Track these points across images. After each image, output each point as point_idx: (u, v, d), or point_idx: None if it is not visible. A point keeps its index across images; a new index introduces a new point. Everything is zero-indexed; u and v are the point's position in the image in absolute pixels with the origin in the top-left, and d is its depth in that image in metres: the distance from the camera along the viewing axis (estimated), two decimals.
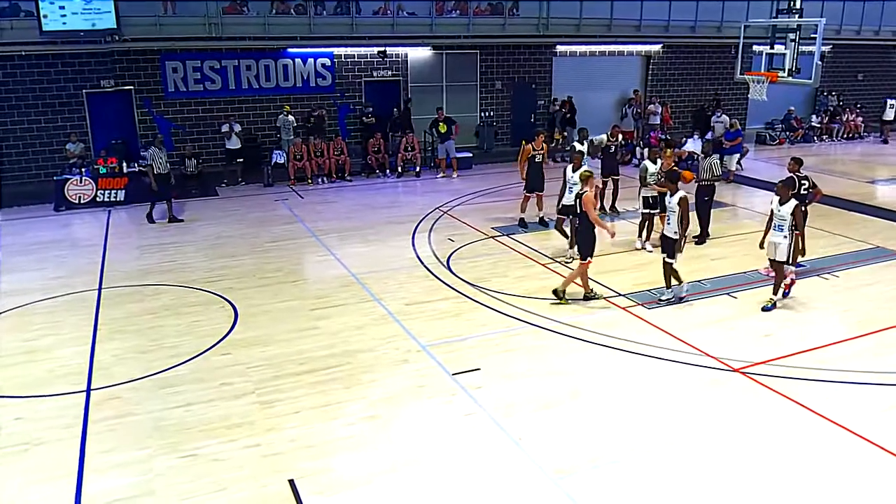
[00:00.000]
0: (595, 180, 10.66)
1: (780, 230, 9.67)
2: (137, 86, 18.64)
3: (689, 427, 7.07)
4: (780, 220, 9.63)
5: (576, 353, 8.70)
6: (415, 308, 10.08)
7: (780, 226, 9.67)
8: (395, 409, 7.45)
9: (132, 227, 14.79)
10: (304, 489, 6.13)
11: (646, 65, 25.11)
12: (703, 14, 23.12)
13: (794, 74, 14.05)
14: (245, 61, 19.51)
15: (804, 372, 8.10)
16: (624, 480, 6.25)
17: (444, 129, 19.24)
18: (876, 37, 26.78)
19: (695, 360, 8.43)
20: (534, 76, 23.25)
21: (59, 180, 16.17)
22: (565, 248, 12.20)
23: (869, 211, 15.39)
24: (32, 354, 8.79)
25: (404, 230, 13.64)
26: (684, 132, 22.63)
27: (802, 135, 25.43)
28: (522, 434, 6.93)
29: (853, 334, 9.14)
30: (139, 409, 7.46)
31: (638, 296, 10.44)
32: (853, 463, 6.49)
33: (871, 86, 29.43)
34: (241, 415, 7.32)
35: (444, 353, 8.62)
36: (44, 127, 17.99)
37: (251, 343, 9.01)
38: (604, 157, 14.69)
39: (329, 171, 18.76)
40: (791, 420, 7.18)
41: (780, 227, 9.67)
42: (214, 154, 19.32)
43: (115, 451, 6.74)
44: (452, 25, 20.76)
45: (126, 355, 8.72)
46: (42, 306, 10.39)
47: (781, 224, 9.64)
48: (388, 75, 21.29)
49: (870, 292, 10.64)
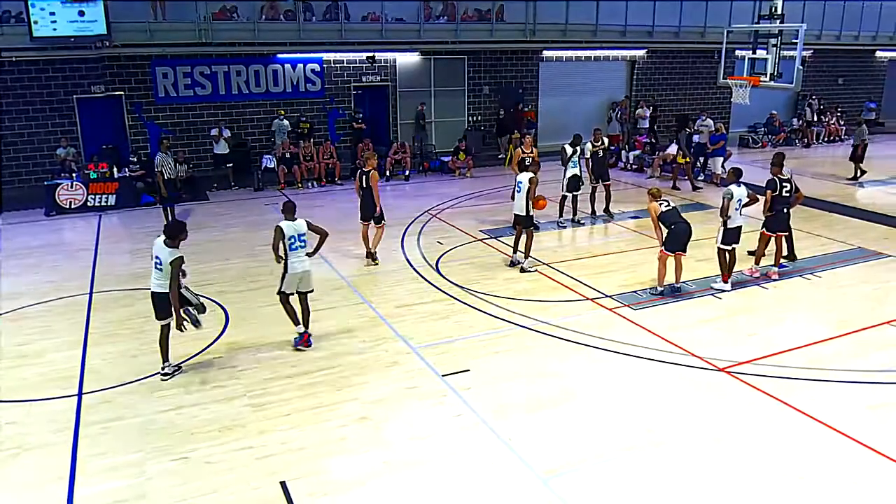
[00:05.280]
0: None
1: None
2: (128, 91, 18.68)
3: (677, 427, 7.19)
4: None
5: (564, 354, 8.81)
6: (404, 310, 10.17)
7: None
8: (385, 410, 7.53)
9: (123, 231, 14.84)
10: (295, 491, 6.19)
11: (631, 70, 25.36)
12: (687, 19, 23.44)
13: (776, 79, 14.23)
14: (235, 67, 19.59)
15: (788, 371, 8.25)
16: (612, 480, 6.35)
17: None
18: (855, 42, 27.21)
19: (681, 360, 8.57)
20: (521, 81, 23.42)
21: (50, 185, 16.18)
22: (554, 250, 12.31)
23: (850, 212, 15.64)
24: (24, 359, 8.82)
25: (394, 233, 13.72)
26: (669, 136, 22.84)
27: (784, 138, 25.74)
28: (512, 435, 7.02)
29: (836, 333, 9.31)
30: (131, 413, 7.51)
31: (624, 297, 10.58)
32: (837, 460, 6.62)
33: (851, 89, 29.84)
34: (232, 417, 7.39)
35: (433, 355, 8.71)
36: (34, 132, 18.02)
37: (242, 346, 9.08)
38: (592, 163, 14.82)
39: (319, 176, 18.85)
40: (776, 418, 7.31)
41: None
42: (205, 159, 19.38)
43: (107, 455, 6.78)
44: (440, 31, 20.91)
45: (117, 359, 8.76)
46: (34, 311, 10.41)
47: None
48: (377, 80, 21.40)
49: (852, 292, 10.83)
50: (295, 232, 8.76)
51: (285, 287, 8.85)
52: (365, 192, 12.10)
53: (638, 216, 15.13)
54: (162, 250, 7.91)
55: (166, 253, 7.88)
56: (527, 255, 11.79)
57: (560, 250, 13.18)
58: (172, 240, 7.98)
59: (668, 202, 10.65)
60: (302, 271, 8.79)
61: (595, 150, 14.79)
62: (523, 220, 11.65)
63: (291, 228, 8.75)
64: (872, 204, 16.51)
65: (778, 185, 11.02)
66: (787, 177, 11.20)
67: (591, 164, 14.77)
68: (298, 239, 8.76)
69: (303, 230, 8.81)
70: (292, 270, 8.74)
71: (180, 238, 8.07)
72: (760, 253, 11.42)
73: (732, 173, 10.99)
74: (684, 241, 10.46)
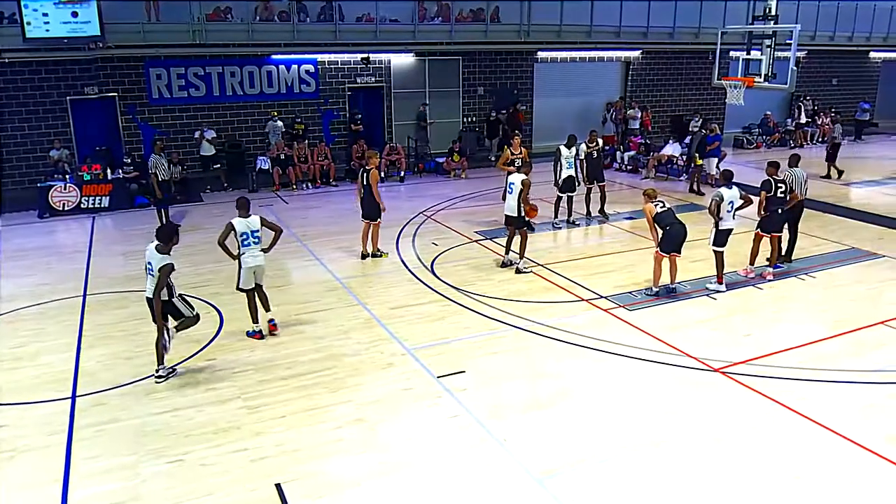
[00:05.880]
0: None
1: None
2: (121, 92, 18.64)
3: (672, 427, 7.19)
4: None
5: (559, 355, 8.81)
6: (400, 312, 10.16)
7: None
8: (381, 412, 7.51)
9: (117, 233, 14.79)
10: (291, 493, 6.17)
11: (625, 70, 25.40)
12: (681, 20, 23.47)
13: (770, 79, 14.29)
14: (229, 68, 19.57)
15: (783, 371, 8.26)
16: (608, 481, 6.35)
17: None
18: (849, 42, 27.31)
19: (676, 361, 8.57)
20: (515, 82, 23.43)
21: (43, 187, 16.12)
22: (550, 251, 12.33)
23: (844, 213, 15.69)
24: (18, 361, 8.78)
25: (389, 234, 13.69)
26: (664, 136, 22.89)
27: (779, 138, 25.81)
28: (508, 435, 7.01)
29: (831, 333, 9.33)
30: (125, 415, 7.48)
31: (619, 298, 10.58)
32: (832, 461, 6.63)
33: (845, 90, 29.95)
34: (227, 420, 7.36)
35: (429, 357, 8.70)
36: (27, 134, 17.95)
37: (237, 348, 9.05)
38: (587, 164, 14.82)
39: (314, 177, 18.83)
40: (772, 419, 7.32)
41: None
42: (199, 160, 19.30)
43: (102, 458, 6.75)
44: (435, 32, 20.90)
45: (112, 361, 8.73)
46: (28, 313, 10.37)
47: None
48: (372, 82, 21.39)
49: (846, 292, 10.86)
50: (247, 228, 8.94)
51: (243, 283, 9.11)
52: (366, 191, 12.16)
53: (633, 217, 15.15)
54: (153, 256, 7.90)
55: (157, 259, 7.87)
56: (521, 256, 11.78)
57: (555, 251, 13.18)
58: (165, 244, 7.96)
59: (664, 203, 10.67)
60: (255, 265, 9.03)
61: (589, 152, 14.79)
62: (515, 221, 11.66)
63: (244, 224, 8.95)
64: (867, 204, 16.56)
65: (773, 185, 11.04)
66: (782, 178, 11.25)
67: (585, 166, 14.78)
68: (252, 235, 8.96)
69: (256, 227, 8.99)
70: (245, 265, 8.96)
71: (172, 243, 8.06)
72: (755, 253, 11.44)
73: (723, 175, 11.02)
74: (679, 243, 10.47)
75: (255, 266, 9.04)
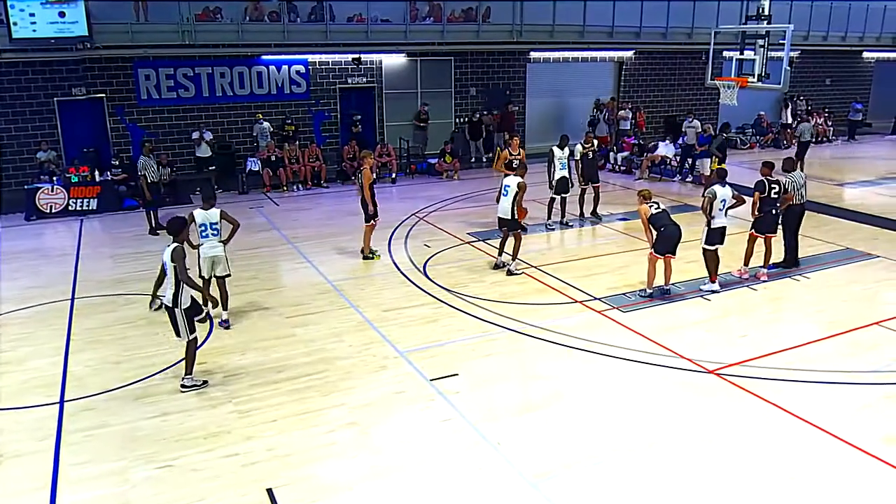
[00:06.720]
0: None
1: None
2: (109, 93, 18.47)
3: (667, 429, 7.14)
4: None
5: (553, 357, 8.75)
6: (392, 314, 10.08)
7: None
8: (373, 415, 7.44)
9: (105, 236, 14.65)
10: (282, 498, 6.09)
11: (618, 71, 25.39)
12: (674, 20, 23.45)
13: (764, 79, 14.29)
14: (219, 68, 19.42)
15: (778, 372, 8.23)
16: (602, 483, 6.30)
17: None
18: (843, 42, 27.36)
19: (670, 363, 8.52)
20: (508, 82, 23.39)
21: (30, 189, 15.96)
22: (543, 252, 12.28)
23: (838, 213, 15.69)
24: (6, 366, 8.65)
25: (381, 236, 13.60)
26: (657, 136, 22.88)
27: (772, 138, 25.85)
28: (501, 438, 6.95)
29: (826, 334, 9.30)
30: (114, 420, 7.37)
31: (613, 299, 10.53)
32: (827, 462, 6.59)
33: (838, 90, 30.05)
34: (217, 424, 7.27)
35: (421, 359, 8.63)
36: (14, 135, 17.77)
37: (228, 351, 8.96)
38: (583, 165, 14.78)
39: (304, 178, 18.72)
40: (766, 420, 7.28)
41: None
42: (189, 162, 19.19)
43: (91, 463, 6.65)
44: (426, 32, 20.78)
45: (100, 366, 8.61)
46: (15, 317, 10.24)
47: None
48: (363, 82, 21.29)
49: (841, 293, 10.84)
50: (206, 220, 9.50)
51: (202, 272, 9.56)
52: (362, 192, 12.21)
53: (626, 218, 15.11)
54: (166, 253, 7.78)
55: (168, 251, 7.75)
56: (514, 258, 11.72)
57: (548, 253, 13.13)
58: (176, 236, 7.92)
59: (658, 204, 10.62)
60: (212, 255, 9.52)
61: (585, 152, 14.76)
62: (508, 224, 11.60)
63: (203, 216, 9.51)
64: (861, 205, 16.57)
65: (766, 186, 11.02)
66: (776, 178, 11.23)
67: (580, 167, 14.74)
68: (210, 227, 9.51)
69: (215, 219, 9.54)
70: (203, 255, 9.51)
71: (182, 236, 8.02)
72: (749, 253, 11.40)
73: (716, 174, 10.99)
74: (674, 244, 10.43)
75: (213, 255, 9.53)
